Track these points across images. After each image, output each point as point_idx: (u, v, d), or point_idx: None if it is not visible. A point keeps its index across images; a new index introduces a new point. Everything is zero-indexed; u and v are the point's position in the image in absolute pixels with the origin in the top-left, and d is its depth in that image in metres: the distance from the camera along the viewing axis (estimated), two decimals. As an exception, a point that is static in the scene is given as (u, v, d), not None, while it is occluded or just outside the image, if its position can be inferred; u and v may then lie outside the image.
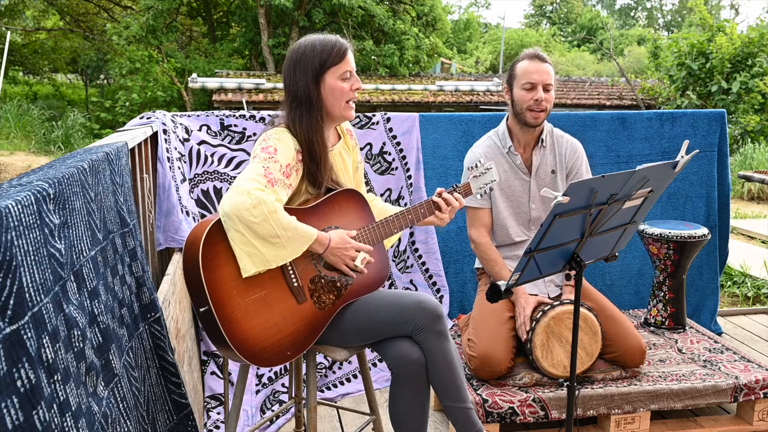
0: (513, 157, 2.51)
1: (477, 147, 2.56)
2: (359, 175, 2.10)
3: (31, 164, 11.08)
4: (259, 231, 1.59)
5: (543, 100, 2.36)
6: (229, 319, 1.64)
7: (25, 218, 0.88)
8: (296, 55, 1.84)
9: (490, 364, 2.30)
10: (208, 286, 1.62)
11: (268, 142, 1.76)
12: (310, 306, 1.78)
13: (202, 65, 16.04)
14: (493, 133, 2.57)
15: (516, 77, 2.42)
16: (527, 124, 2.42)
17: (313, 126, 1.82)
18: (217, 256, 1.64)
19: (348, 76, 1.85)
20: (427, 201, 1.96)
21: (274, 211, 1.60)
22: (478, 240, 2.52)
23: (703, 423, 2.46)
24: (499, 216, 2.53)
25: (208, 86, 12.98)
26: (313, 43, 1.83)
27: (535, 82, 2.36)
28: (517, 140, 2.51)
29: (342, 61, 1.83)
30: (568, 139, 2.56)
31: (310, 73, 1.81)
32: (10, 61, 17.44)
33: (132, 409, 1.30)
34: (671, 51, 13.06)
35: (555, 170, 2.52)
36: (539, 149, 2.51)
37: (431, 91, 13.87)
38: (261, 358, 1.69)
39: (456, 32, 28.96)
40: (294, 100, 1.84)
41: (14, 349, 0.80)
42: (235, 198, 1.58)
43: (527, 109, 2.38)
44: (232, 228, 1.60)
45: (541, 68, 2.37)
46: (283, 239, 1.62)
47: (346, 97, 1.85)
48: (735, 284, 4.55)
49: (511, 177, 2.52)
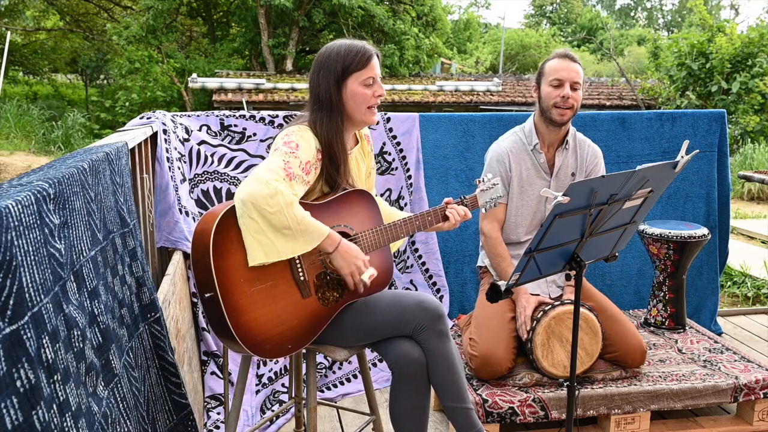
0: (537, 156, 2.50)
1: (503, 141, 2.54)
2: (371, 180, 2.11)
3: (31, 164, 11.08)
4: (273, 221, 1.60)
5: (570, 97, 2.35)
6: (234, 306, 1.64)
7: (25, 218, 0.88)
8: (322, 58, 1.86)
9: (491, 363, 2.30)
10: (217, 271, 1.62)
11: (291, 137, 1.77)
12: (314, 301, 1.79)
13: (202, 65, 16.04)
14: (519, 129, 2.55)
15: (544, 75, 2.42)
16: (553, 122, 2.41)
17: (333, 129, 1.83)
18: (228, 243, 1.65)
19: (371, 82, 1.86)
20: (435, 210, 1.98)
21: (290, 204, 1.61)
22: (489, 234, 2.50)
23: (703, 423, 2.46)
24: (512, 213, 2.51)
25: (208, 86, 12.99)
26: (339, 48, 1.84)
27: (562, 79, 2.36)
28: (542, 139, 2.49)
29: (365, 68, 1.84)
30: (590, 143, 2.56)
31: (333, 77, 1.83)
32: (10, 61, 17.44)
33: (132, 409, 1.30)
34: (671, 51, 13.07)
35: (575, 173, 2.51)
36: (562, 150, 2.50)
37: (431, 91, 13.87)
38: (262, 349, 1.69)
39: (456, 32, 28.96)
40: (316, 102, 1.85)
41: (14, 349, 0.80)
42: (254, 186, 1.59)
43: (554, 105, 2.38)
44: (246, 215, 1.60)
45: (570, 66, 2.37)
46: (295, 232, 1.63)
47: (368, 103, 1.86)
48: (735, 284, 4.55)
49: (533, 175, 2.50)
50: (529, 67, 27.80)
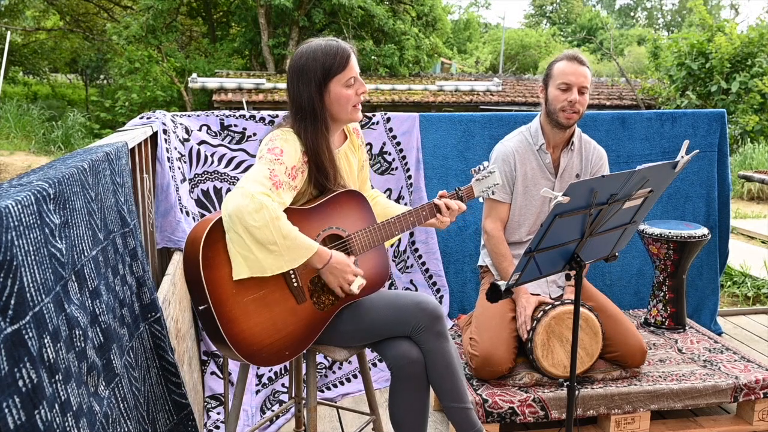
0: (543, 156, 2.49)
1: (509, 141, 2.53)
2: (364, 173, 2.08)
3: (31, 164, 11.07)
4: (258, 236, 1.57)
5: (577, 102, 2.34)
6: (228, 317, 1.64)
7: (25, 218, 0.89)
8: (298, 65, 1.80)
9: (491, 363, 2.30)
10: (208, 284, 1.62)
11: (275, 143, 1.74)
12: (310, 306, 1.78)
13: (202, 65, 16.04)
14: (525, 129, 2.55)
15: (552, 77, 2.40)
16: (559, 125, 2.41)
17: (318, 137, 1.80)
18: (217, 255, 1.64)
19: (352, 82, 1.82)
20: (429, 204, 1.96)
21: (276, 218, 1.58)
22: (492, 233, 2.50)
23: (703, 423, 2.46)
24: (516, 212, 2.51)
25: (208, 86, 12.98)
26: (315, 52, 1.79)
27: (571, 83, 2.35)
28: (548, 139, 2.49)
29: (346, 69, 1.79)
30: (595, 145, 2.56)
31: (314, 84, 1.78)
32: (10, 61, 17.43)
33: (132, 409, 1.30)
34: (671, 51, 13.07)
35: (580, 174, 2.51)
36: (567, 151, 2.50)
37: (431, 91, 13.87)
38: (259, 358, 1.69)
39: (456, 32, 28.95)
40: (299, 112, 1.81)
41: (15, 348, 0.80)
42: (239, 200, 1.57)
43: (560, 109, 2.37)
44: (232, 229, 1.59)
45: (578, 70, 2.35)
46: (281, 247, 1.60)
47: (352, 102, 1.83)
48: (735, 284, 4.55)
49: (538, 175, 2.50)
50: (529, 67, 27.81)
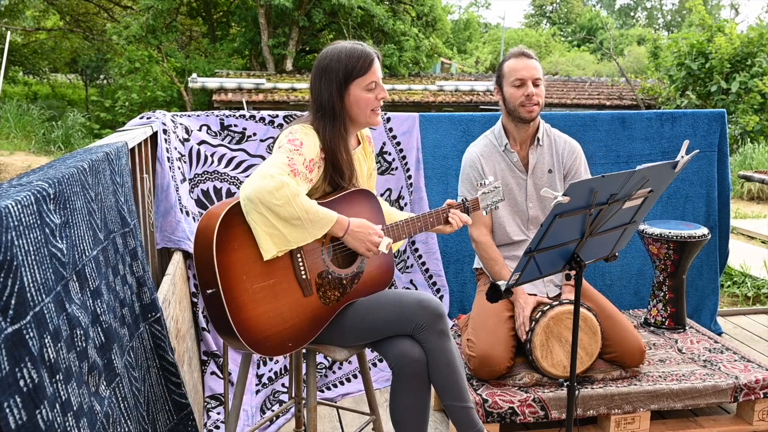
0: (509, 155, 2.53)
1: (474, 146, 2.59)
2: (372, 181, 2.12)
3: (31, 164, 11.07)
4: (281, 213, 1.61)
5: (534, 94, 2.39)
6: (236, 303, 1.65)
7: (25, 218, 0.89)
8: (322, 64, 1.85)
9: (489, 363, 2.30)
10: (219, 268, 1.63)
11: (295, 135, 1.78)
12: (316, 300, 1.79)
13: (202, 65, 16.04)
14: (489, 133, 2.60)
15: (504, 76, 2.45)
16: (522, 120, 2.44)
17: (336, 137, 1.84)
18: (231, 240, 1.65)
19: (373, 86, 1.86)
20: (437, 212, 1.99)
21: (296, 194, 1.62)
22: (478, 239, 2.53)
23: (703, 423, 2.46)
24: (496, 215, 2.54)
25: (208, 86, 12.99)
26: (339, 53, 1.84)
27: (523, 78, 2.39)
28: (512, 138, 2.53)
29: (368, 72, 1.84)
30: (565, 139, 2.57)
31: (335, 84, 1.83)
32: (10, 61, 17.43)
33: (132, 409, 1.30)
34: (671, 51, 13.07)
35: (552, 169, 2.53)
36: (536, 148, 2.52)
37: (431, 91, 13.87)
38: (263, 346, 1.70)
39: (456, 32, 28.95)
40: (319, 110, 1.86)
41: (16, 348, 0.80)
42: (258, 182, 1.59)
43: (520, 105, 2.41)
44: (254, 210, 1.61)
45: (528, 64, 2.41)
46: (305, 221, 1.64)
47: (371, 106, 1.87)
48: (735, 284, 4.55)
49: (508, 175, 2.53)
50: (528, 67, 27.71)
